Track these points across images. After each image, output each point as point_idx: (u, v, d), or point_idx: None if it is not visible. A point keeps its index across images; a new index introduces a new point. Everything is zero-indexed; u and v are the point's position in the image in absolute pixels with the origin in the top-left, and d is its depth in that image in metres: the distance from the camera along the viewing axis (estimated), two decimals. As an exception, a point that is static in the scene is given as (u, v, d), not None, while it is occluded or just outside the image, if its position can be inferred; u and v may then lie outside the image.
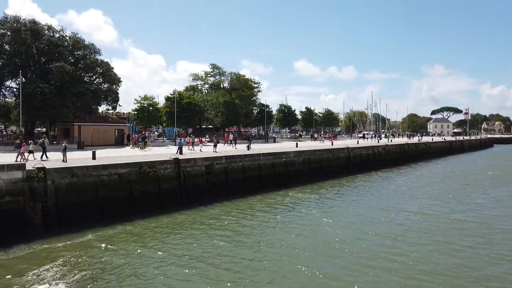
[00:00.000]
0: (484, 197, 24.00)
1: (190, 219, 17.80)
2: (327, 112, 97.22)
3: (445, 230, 16.05)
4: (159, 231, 15.85)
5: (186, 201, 20.82)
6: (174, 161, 21.65)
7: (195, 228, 16.19)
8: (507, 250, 13.40)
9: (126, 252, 13.22)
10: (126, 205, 18.49)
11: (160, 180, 20.38)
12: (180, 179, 21.45)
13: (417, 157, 53.27)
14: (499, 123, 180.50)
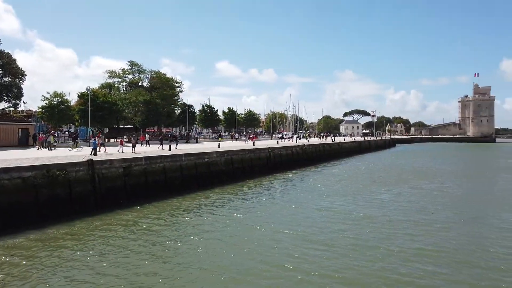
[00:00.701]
0: (387, 193, 26.57)
1: (104, 224, 16.88)
2: (249, 113, 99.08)
3: (354, 225, 17.31)
4: (69, 238, 14.78)
5: (101, 205, 19.69)
6: (87, 163, 20.32)
7: (109, 234, 15.38)
8: (407, 241, 15.06)
9: (31, 262, 12.11)
10: (31, 212, 16.87)
11: (71, 184, 18.97)
12: (95, 182, 20.21)
13: (331, 156, 57.14)
14: (401, 125, 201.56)
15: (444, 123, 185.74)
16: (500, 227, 17.06)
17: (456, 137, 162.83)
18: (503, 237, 15.34)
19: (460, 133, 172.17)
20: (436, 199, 23.82)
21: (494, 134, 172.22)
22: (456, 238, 15.19)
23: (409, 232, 15.86)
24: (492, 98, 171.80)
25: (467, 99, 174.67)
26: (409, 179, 34.27)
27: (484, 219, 18.69)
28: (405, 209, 20.64)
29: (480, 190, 29.11)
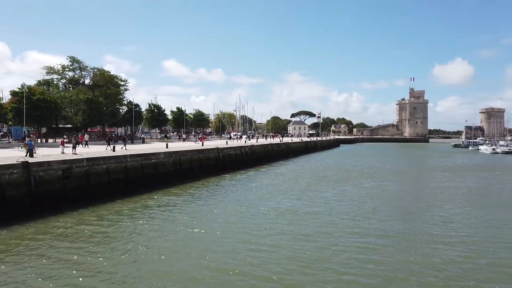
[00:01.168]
0: (331, 191, 27.71)
1: (38, 231, 15.80)
2: (198, 113, 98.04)
3: (300, 223, 17.73)
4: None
5: (38, 211, 18.46)
6: (22, 165, 18.96)
7: (41, 242, 14.34)
8: (349, 238, 15.87)
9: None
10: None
11: (3, 188, 17.61)
12: (30, 185, 18.93)
13: (279, 156, 58.35)
14: (344, 125, 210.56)
15: (384, 124, 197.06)
16: (433, 222, 18.54)
17: (394, 138, 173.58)
18: (434, 232, 16.71)
19: (398, 133, 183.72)
20: (376, 196, 25.28)
21: (428, 135, 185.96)
22: (391, 233, 16.26)
23: (351, 230, 16.60)
24: (426, 101, 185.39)
25: (404, 102, 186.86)
26: (352, 177, 36.01)
27: (418, 214, 20.17)
28: (347, 206, 21.67)
29: (415, 188, 31.36)
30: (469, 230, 16.82)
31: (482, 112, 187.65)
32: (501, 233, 16.31)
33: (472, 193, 27.34)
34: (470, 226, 17.53)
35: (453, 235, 15.83)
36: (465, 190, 28.71)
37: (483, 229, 16.96)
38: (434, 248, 14.06)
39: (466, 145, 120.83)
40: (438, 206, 22.12)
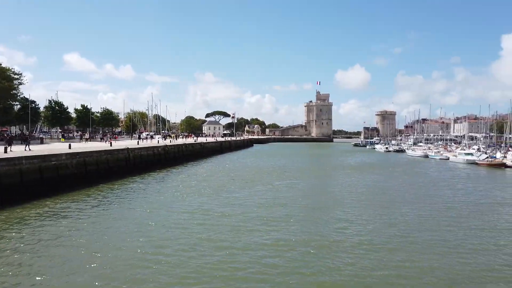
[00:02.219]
0: (243, 191, 28.54)
1: None
2: (106, 111, 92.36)
3: (212, 225, 17.67)
4: None
5: None
6: None
7: None
8: (260, 236, 16.60)
9: None
10: None
11: None
12: None
13: (194, 156, 57.97)
14: (257, 126, 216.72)
15: (294, 125, 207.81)
16: (334, 218, 20.35)
17: (303, 138, 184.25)
18: (335, 228, 18.40)
19: (306, 133, 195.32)
20: (286, 195, 26.76)
21: (332, 135, 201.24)
22: (298, 229, 17.51)
23: (261, 228, 17.32)
24: (331, 103, 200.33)
25: (311, 104, 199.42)
26: (264, 177, 37.48)
27: (321, 212, 21.93)
28: (258, 205, 22.56)
29: (322, 185, 33.88)
30: (369, 225, 18.87)
31: (378, 114, 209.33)
32: (395, 223, 18.63)
33: (370, 190, 30.53)
34: (368, 221, 19.67)
35: (358, 229, 17.62)
36: (364, 187, 31.91)
37: (380, 225, 19.16)
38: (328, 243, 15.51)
39: (364, 144, 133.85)
40: (341, 202, 24.32)
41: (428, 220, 18.88)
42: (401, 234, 16.12)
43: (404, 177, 38.35)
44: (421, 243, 14.87)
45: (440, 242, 15.09)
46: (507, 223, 18.71)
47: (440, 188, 30.63)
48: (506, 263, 12.80)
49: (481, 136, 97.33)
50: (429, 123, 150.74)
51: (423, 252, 13.79)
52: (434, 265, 12.53)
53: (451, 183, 33.71)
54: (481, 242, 15.22)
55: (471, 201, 24.47)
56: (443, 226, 17.69)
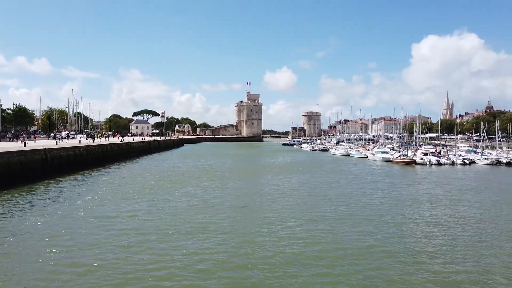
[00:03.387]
0: (173, 193, 28.08)
1: None
2: (19, 108, 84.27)
3: (136, 230, 17.08)
4: None
5: None
6: None
7: None
8: (186, 240, 16.55)
9: None
10: None
11: None
12: None
13: (120, 156, 55.35)
14: (188, 125, 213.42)
15: (224, 124, 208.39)
16: (264, 216, 21.00)
17: (234, 137, 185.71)
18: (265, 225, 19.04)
19: (237, 133, 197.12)
20: (215, 195, 26.91)
21: (262, 135, 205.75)
22: (226, 226, 17.83)
23: (188, 230, 17.39)
24: (261, 104, 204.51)
25: (242, 104, 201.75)
26: (194, 177, 37.20)
27: (248, 209, 22.50)
28: (187, 208, 22.43)
29: (251, 184, 34.60)
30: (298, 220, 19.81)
31: (304, 115, 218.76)
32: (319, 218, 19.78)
33: (298, 188, 31.95)
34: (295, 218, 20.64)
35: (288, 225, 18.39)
36: (292, 185, 33.29)
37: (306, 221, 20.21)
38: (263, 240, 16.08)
39: (292, 144, 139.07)
40: (270, 200, 25.16)
41: (348, 215, 20.40)
42: (327, 229, 17.26)
43: (328, 175, 40.78)
44: (344, 237, 16.08)
45: (363, 236, 16.45)
46: (420, 216, 20.95)
47: (359, 185, 33.15)
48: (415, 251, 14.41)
49: (395, 136, 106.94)
50: (350, 123, 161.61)
51: (346, 246, 14.93)
52: (352, 257, 13.67)
53: (368, 180, 36.65)
54: (400, 235, 16.91)
55: (386, 197, 26.93)
56: (364, 221, 19.27)
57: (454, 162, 56.89)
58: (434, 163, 55.09)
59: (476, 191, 29.66)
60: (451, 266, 12.70)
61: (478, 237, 16.25)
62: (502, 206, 23.57)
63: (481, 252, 14.16)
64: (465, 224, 18.58)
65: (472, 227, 17.91)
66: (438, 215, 20.49)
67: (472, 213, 21.14)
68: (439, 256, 13.59)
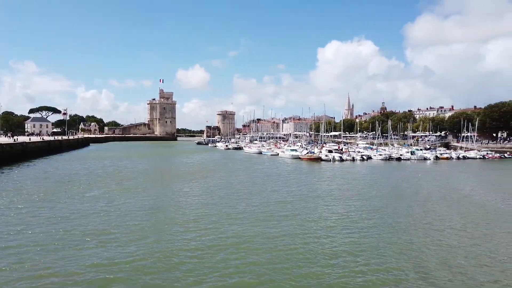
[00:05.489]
0: (73, 200, 26.25)
1: None
2: None
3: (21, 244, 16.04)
4: None
5: None
6: None
7: None
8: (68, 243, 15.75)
9: None
10: None
11: None
12: None
13: (12, 160, 49.47)
14: (95, 124, 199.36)
15: (136, 123, 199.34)
16: (176, 217, 20.84)
17: (146, 136, 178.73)
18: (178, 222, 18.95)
19: (150, 132, 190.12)
20: (126, 200, 25.89)
21: (176, 134, 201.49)
22: (135, 227, 17.42)
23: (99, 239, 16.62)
24: (174, 102, 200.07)
25: (155, 102, 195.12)
26: (100, 181, 35.11)
27: (159, 212, 22.18)
28: (96, 212, 21.28)
29: (160, 188, 33.88)
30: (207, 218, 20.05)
31: (219, 114, 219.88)
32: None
33: (213, 186, 32.24)
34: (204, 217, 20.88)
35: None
36: (204, 186, 33.47)
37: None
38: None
39: (207, 143, 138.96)
40: (182, 203, 25.03)
41: (262, 211, 21.38)
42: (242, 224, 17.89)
43: (241, 173, 41.87)
44: (254, 235, 16.86)
45: (276, 232, 17.42)
46: (331, 212, 22.80)
47: (270, 181, 34.74)
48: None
49: (303, 134, 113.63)
50: (263, 122, 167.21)
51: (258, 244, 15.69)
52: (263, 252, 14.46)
53: (279, 177, 38.59)
54: (303, 231, 18.25)
55: (294, 192, 28.72)
56: (277, 217, 20.37)
57: (354, 158, 62.70)
58: (337, 160, 60.04)
59: (369, 185, 33.28)
60: (356, 259, 14.23)
61: (372, 225, 18.42)
62: (390, 197, 26.93)
63: (375, 235, 16.11)
64: (359, 211, 20.87)
65: (363, 215, 20.20)
66: (340, 207, 22.60)
67: (364, 204, 23.77)
68: (343, 246, 15.12)
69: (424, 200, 25.60)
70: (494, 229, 18.04)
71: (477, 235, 16.82)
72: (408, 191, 29.49)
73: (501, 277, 11.98)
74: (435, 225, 18.41)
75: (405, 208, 22.72)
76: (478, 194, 28.37)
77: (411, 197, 26.81)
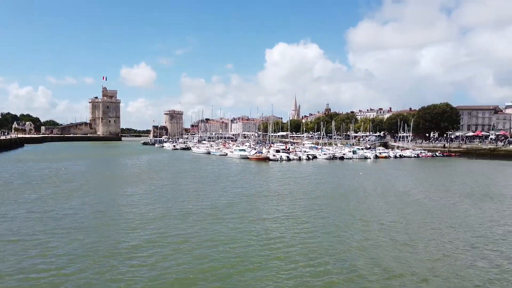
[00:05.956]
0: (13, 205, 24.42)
1: None
2: None
3: None
4: None
5: None
6: None
7: None
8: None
9: None
10: None
11: None
12: None
13: None
14: (30, 123, 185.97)
15: (76, 122, 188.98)
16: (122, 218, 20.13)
17: (88, 136, 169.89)
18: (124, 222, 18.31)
19: (92, 132, 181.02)
20: (71, 201, 24.51)
21: (121, 133, 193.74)
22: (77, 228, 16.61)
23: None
24: (118, 101, 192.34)
25: (97, 100, 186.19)
26: (36, 184, 32.92)
27: (107, 211, 21.32)
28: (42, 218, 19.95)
29: (103, 194, 32.51)
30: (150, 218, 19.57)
31: (166, 113, 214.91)
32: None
33: (159, 187, 31.48)
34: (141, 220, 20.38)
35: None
36: (149, 188, 32.61)
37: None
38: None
39: (153, 143, 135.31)
40: (126, 206, 24.21)
41: (210, 212, 21.30)
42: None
43: (187, 175, 41.34)
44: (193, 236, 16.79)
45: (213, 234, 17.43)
46: (279, 212, 23.22)
47: (218, 182, 34.70)
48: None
49: (251, 134, 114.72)
50: (211, 122, 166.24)
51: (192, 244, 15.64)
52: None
53: (224, 177, 38.68)
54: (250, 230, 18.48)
55: (242, 193, 28.96)
56: (208, 215, 20.40)
57: (300, 158, 64.51)
58: (284, 159, 61.41)
59: (315, 184, 34.52)
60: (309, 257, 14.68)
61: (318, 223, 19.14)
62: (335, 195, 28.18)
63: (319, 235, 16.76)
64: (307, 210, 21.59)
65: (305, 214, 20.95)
66: (286, 207, 23.19)
67: (309, 203, 24.63)
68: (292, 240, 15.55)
69: (364, 197, 27.04)
70: (428, 223, 19.58)
71: (411, 231, 18.15)
72: (351, 189, 30.96)
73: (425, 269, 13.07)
74: (374, 222, 19.58)
75: (348, 206, 23.85)
76: (412, 191, 30.57)
77: (353, 195, 28.19)
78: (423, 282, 11.71)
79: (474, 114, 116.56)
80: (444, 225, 18.95)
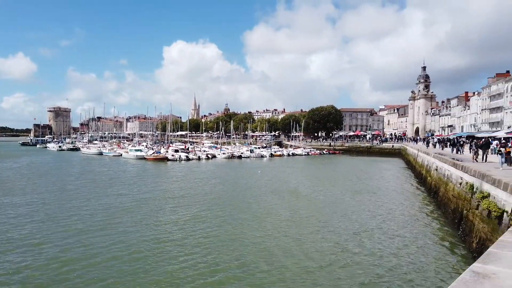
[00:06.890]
0: None
1: None
2: None
3: None
4: None
5: None
6: None
7: None
8: None
9: None
10: None
11: None
12: None
13: None
14: None
15: None
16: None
17: None
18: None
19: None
20: None
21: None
22: None
23: None
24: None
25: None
26: None
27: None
28: None
29: None
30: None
31: (50, 111, 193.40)
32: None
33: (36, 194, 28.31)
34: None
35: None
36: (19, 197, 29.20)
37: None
38: None
39: (35, 143, 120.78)
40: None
41: (102, 218, 20.01)
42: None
43: (82, 176, 38.06)
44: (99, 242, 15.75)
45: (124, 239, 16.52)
46: (178, 214, 22.74)
47: (111, 185, 32.74)
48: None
49: (149, 134, 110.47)
50: (104, 121, 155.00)
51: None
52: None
53: (118, 180, 36.69)
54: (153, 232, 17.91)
55: (136, 195, 27.84)
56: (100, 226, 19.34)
57: (200, 157, 64.48)
58: (183, 159, 60.69)
59: (214, 183, 35.01)
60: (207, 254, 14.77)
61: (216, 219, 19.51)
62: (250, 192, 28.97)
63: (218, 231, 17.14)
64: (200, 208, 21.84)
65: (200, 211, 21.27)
66: (184, 208, 23.08)
67: (209, 202, 24.99)
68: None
69: (259, 195, 28.45)
70: (316, 216, 21.54)
71: (301, 224, 19.77)
72: (247, 187, 32.21)
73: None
74: (268, 218, 20.81)
75: (245, 204, 24.83)
76: (302, 187, 33.17)
77: (250, 193, 29.39)
78: (309, 272, 12.97)
79: (354, 115, 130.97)
80: (330, 217, 21.11)
